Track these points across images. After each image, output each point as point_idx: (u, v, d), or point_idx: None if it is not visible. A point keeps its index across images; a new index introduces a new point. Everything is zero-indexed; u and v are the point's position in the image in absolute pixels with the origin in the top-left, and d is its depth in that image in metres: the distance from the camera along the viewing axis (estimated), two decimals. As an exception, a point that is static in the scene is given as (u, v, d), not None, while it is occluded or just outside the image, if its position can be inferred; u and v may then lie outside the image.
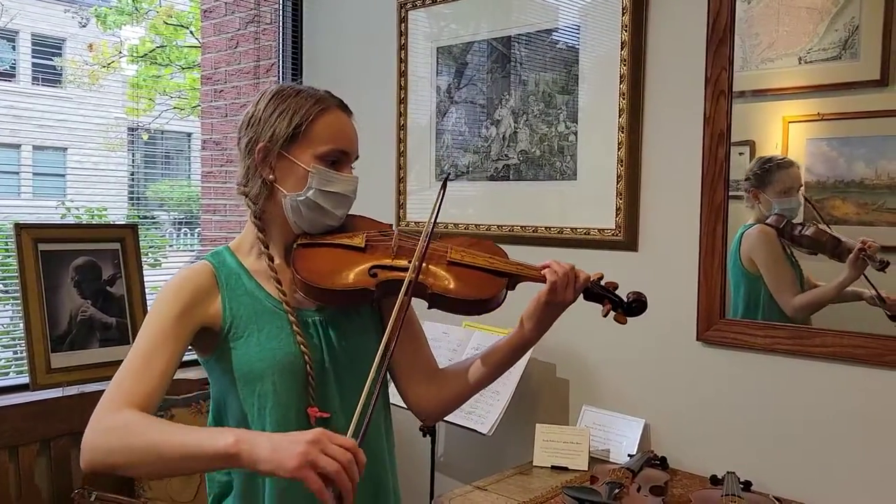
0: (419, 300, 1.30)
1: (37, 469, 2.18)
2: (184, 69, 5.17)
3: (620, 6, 2.09)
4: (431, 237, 1.28)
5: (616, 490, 1.67)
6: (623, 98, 2.09)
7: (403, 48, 2.66)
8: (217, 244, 3.16)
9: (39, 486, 2.19)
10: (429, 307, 1.30)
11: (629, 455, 1.97)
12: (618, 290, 1.34)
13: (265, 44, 3.09)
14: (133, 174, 3.19)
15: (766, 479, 1.84)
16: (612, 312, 1.32)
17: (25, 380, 2.22)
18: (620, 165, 2.10)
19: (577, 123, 2.21)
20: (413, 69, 2.64)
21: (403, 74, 2.66)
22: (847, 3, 1.75)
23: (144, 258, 2.65)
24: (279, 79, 3.06)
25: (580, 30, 2.20)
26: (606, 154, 2.13)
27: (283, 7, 3.05)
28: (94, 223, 2.91)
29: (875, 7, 1.71)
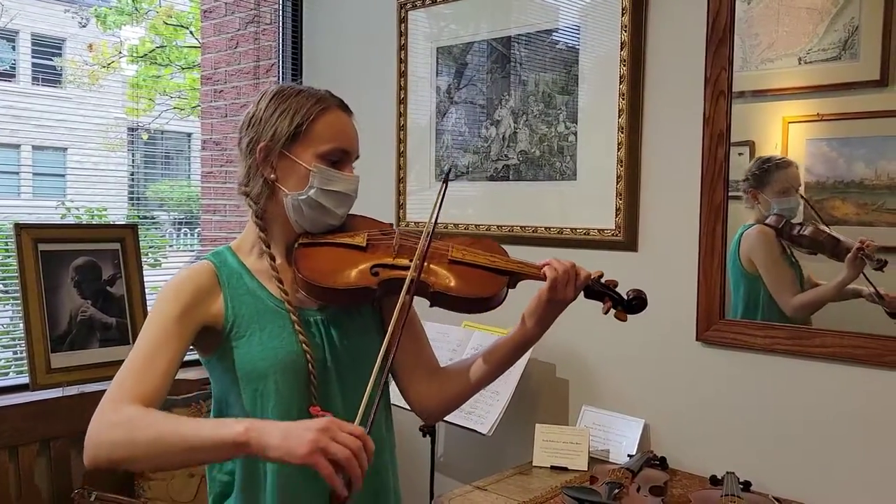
0: (421, 299, 1.30)
1: (37, 469, 2.18)
2: (184, 69, 5.17)
3: (620, 6, 2.09)
4: (432, 236, 1.28)
5: (616, 490, 1.67)
6: (623, 98, 2.09)
7: (403, 48, 2.66)
8: (217, 244, 3.16)
9: (39, 486, 2.19)
10: (430, 305, 1.31)
11: (629, 455, 1.97)
12: (617, 288, 1.34)
13: (265, 44, 3.09)
14: (133, 174, 3.19)
15: (766, 480, 1.84)
16: (613, 310, 1.32)
17: (25, 380, 2.22)
18: (620, 166, 2.10)
19: (577, 124, 2.21)
20: (413, 69, 2.64)
21: (403, 75, 2.66)
22: (847, 4, 1.75)
23: (144, 258, 2.65)
24: (279, 79, 3.05)
25: (580, 30, 2.20)
26: (606, 154, 2.14)
27: (283, 7, 3.05)
28: (94, 223, 2.92)
29: (875, 7, 1.71)
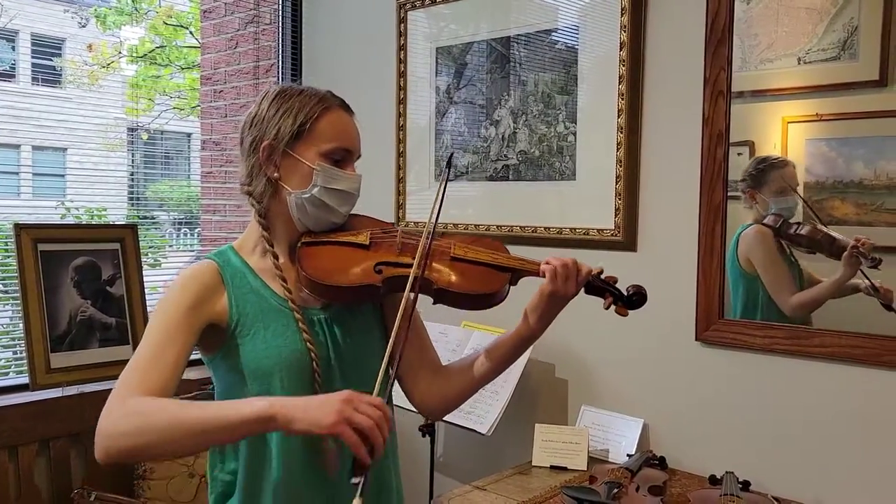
0: (424, 296, 1.30)
1: (36, 469, 2.18)
2: (183, 69, 5.17)
3: (619, 7, 2.09)
4: (434, 234, 1.29)
5: (615, 490, 1.67)
6: (622, 98, 2.09)
7: (403, 48, 2.66)
8: (217, 244, 3.17)
9: (39, 486, 2.19)
10: (434, 303, 1.31)
11: (628, 455, 1.98)
12: (617, 284, 1.35)
13: (265, 44, 3.09)
14: (133, 174, 3.19)
15: (765, 479, 1.84)
16: (614, 306, 1.33)
17: (25, 380, 2.22)
18: (619, 166, 2.10)
19: (577, 124, 2.21)
20: (412, 69, 2.64)
21: (403, 75, 2.66)
22: (846, 4, 1.75)
23: (144, 258, 2.65)
24: (279, 79, 3.06)
25: (579, 30, 2.20)
26: (605, 154, 2.14)
27: (283, 7, 3.05)
28: (94, 223, 2.92)
29: (874, 7, 1.71)
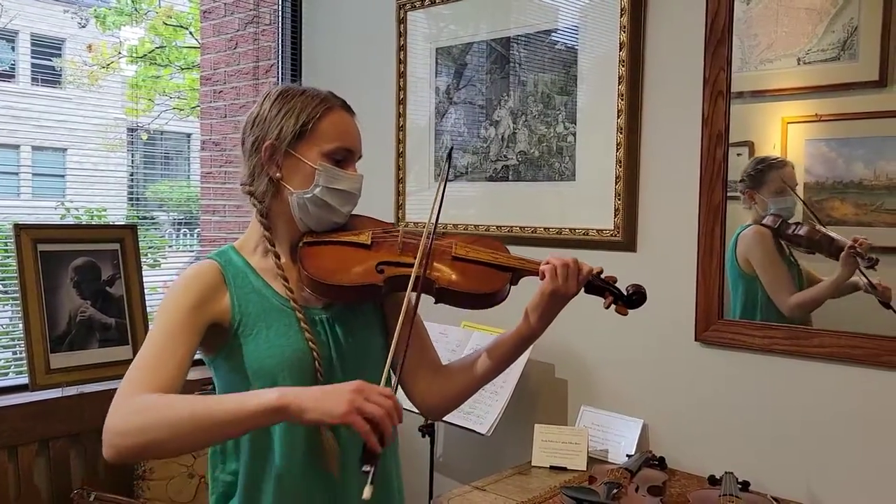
0: (426, 296, 1.31)
1: (36, 469, 2.18)
2: (183, 70, 5.17)
3: (619, 7, 2.09)
4: (436, 230, 1.30)
5: (614, 490, 1.67)
6: (622, 99, 2.09)
7: (402, 49, 2.66)
8: (216, 244, 3.17)
9: (38, 486, 2.19)
10: (435, 302, 1.32)
11: (627, 455, 1.98)
12: (617, 284, 1.36)
13: (264, 44, 3.09)
14: (132, 175, 3.19)
15: (764, 479, 1.85)
16: (614, 305, 1.34)
17: (25, 380, 2.22)
18: (619, 166, 2.10)
19: (576, 124, 2.21)
20: (412, 70, 2.64)
21: (402, 75, 2.66)
22: (846, 4, 1.75)
23: (144, 259, 2.65)
24: (278, 80, 3.06)
25: (579, 31, 2.20)
26: (605, 155, 2.14)
27: (283, 8, 3.05)
28: (94, 224, 2.92)
29: (874, 8, 1.72)
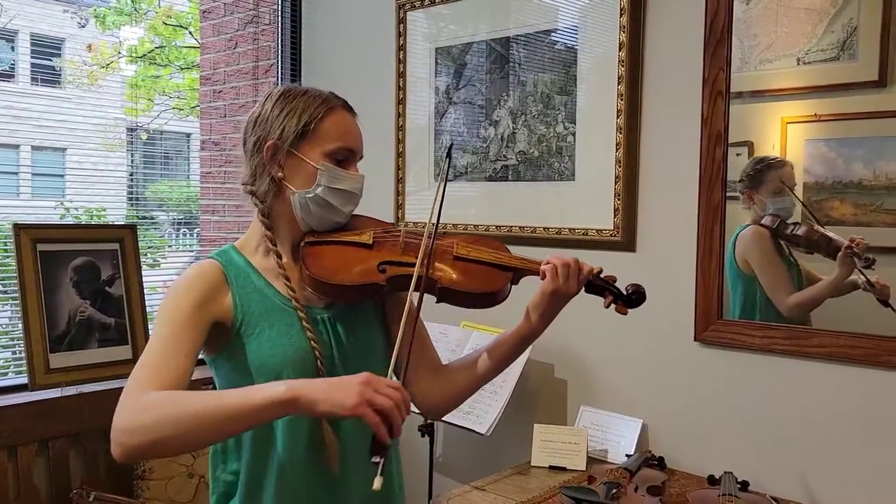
0: (428, 295, 1.31)
1: (35, 469, 2.18)
2: (183, 69, 5.16)
3: (618, 7, 2.09)
4: (437, 230, 1.30)
5: (613, 490, 1.67)
6: (621, 99, 2.09)
7: (402, 49, 2.66)
8: (216, 244, 3.17)
9: (38, 486, 2.19)
10: (437, 301, 1.32)
11: (627, 455, 1.98)
12: (616, 284, 1.37)
13: (264, 44, 3.09)
14: (132, 174, 3.19)
15: (764, 479, 1.85)
16: (613, 304, 1.35)
17: (24, 380, 2.22)
18: (618, 166, 2.11)
19: (576, 124, 2.21)
20: (412, 70, 2.64)
21: (402, 75, 2.66)
22: (845, 5, 1.75)
23: (143, 258, 2.65)
24: (278, 79, 3.06)
25: (578, 31, 2.20)
26: (604, 155, 2.14)
27: (282, 8, 3.05)
28: (93, 223, 2.91)
29: (873, 8, 1.72)
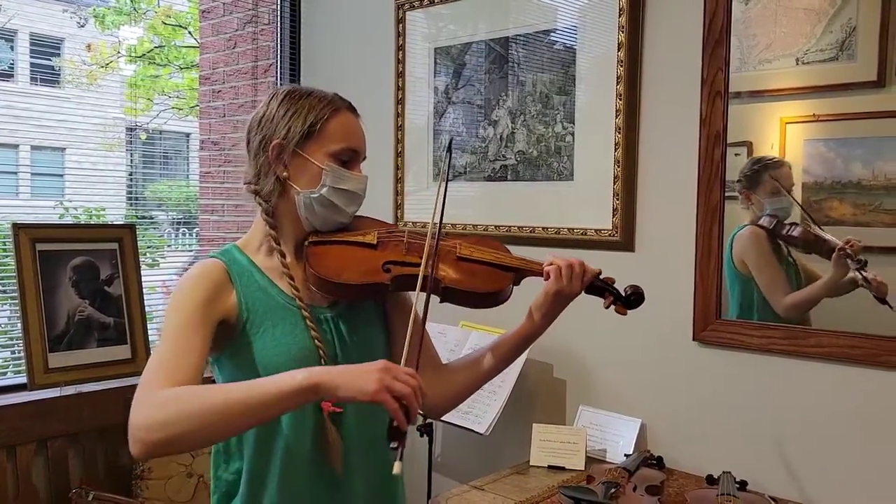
0: (431, 295, 1.32)
1: (34, 469, 2.18)
2: (182, 69, 5.16)
3: (617, 7, 2.09)
4: (440, 231, 1.31)
5: (612, 489, 1.67)
6: (620, 99, 2.09)
7: (401, 49, 2.66)
8: (215, 244, 3.17)
9: (37, 486, 2.19)
10: (441, 301, 1.34)
11: (626, 455, 1.98)
12: (615, 285, 1.39)
13: (263, 44, 3.09)
14: (131, 174, 3.19)
15: (762, 479, 1.85)
16: (613, 305, 1.37)
17: (23, 379, 2.22)
18: (617, 166, 2.11)
19: (575, 124, 2.21)
20: (411, 70, 2.64)
21: (401, 75, 2.66)
22: (844, 5, 1.75)
23: (142, 258, 2.65)
24: (277, 79, 3.06)
25: (577, 31, 2.20)
26: (603, 154, 2.14)
27: (281, 7, 3.05)
28: (92, 223, 2.91)
29: (872, 8, 1.72)
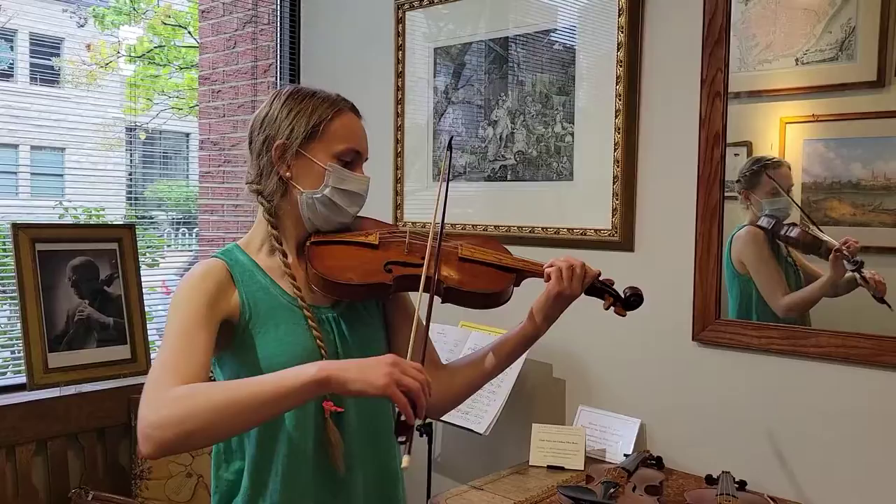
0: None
1: (34, 469, 2.19)
2: (182, 69, 5.16)
3: (617, 7, 2.09)
4: (442, 233, 1.32)
5: (611, 489, 1.67)
6: (619, 99, 2.09)
7: (401, 49, 2.66)
8: (215, 244, 3.17)
9: (36, 486, 2.19)
10: (442, 301, 1.34)
11: (625, 455, 1.98)
12: (615, 286, 1.40)
13: (263, 44, 3.09)
14: (131, 174, 3.19)
15: (761, 479, 1.85)
16: (612, 307, 1.38)
17: (23, 379, 2.22)
18: (616, 166, 2.11)
19: (574, 124, 2.21)
20: (411, 70, 2.64)
21: (401, 75, 2.66)
22: (844, 5, 1.75)
23: (142, 258, 2.65)
24: (277, 79, 3.06)
25: (577, 31, 2.20)
26: (603, 155, 2.14)
27: (281, 7, 3.05)
28: (92, 223, 2.91)
29: (871, 8, 1.72)
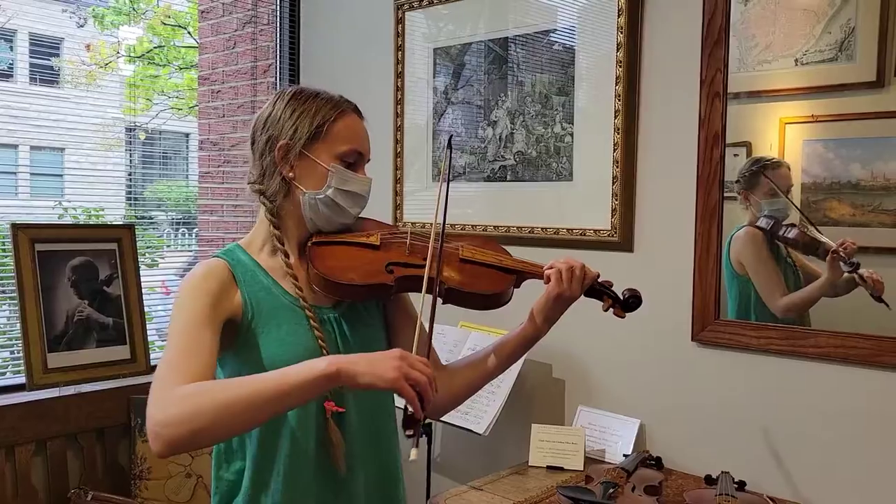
0: (431, 296, 1.33)
1: (33, 469, 2.19)
2: (181, 69, 5.16)
3: (616, 8, 2.09)
4: (444, 234, 1.32)
5: (611, 490, 1.68)
6: (619, 99, 2.10)
7: (400, 49, 2.66)
8: (214, 244, 3.17)
9: (36, 486, 2.19)
10: (443, 302, 1.34)
11: (624, 455, 1.98)
12: (613, 288, 1.40)
13: (262, 44, 3.09)
14: (130, 174, 3.19)
15: (761, 479, 1.85)
16: (611, 308, 1.39)
17: (22, 380, 2.22)
18: (616, 166, 2.11)
19: (574, 125, 2.22)
20: (410, 70, 2.64)
21: (400, 75, 2.66)
22: (843, 5, 1.75)
23: (141, 258, 2.65)
24: (276, 79, 3.06)
25: (576, 31, 2.20)
26: (602, 155, 2.14)
27: (281, 8, 3.05)
28: (92, 223, 2.91)
29: (871, 9, 1.72)
